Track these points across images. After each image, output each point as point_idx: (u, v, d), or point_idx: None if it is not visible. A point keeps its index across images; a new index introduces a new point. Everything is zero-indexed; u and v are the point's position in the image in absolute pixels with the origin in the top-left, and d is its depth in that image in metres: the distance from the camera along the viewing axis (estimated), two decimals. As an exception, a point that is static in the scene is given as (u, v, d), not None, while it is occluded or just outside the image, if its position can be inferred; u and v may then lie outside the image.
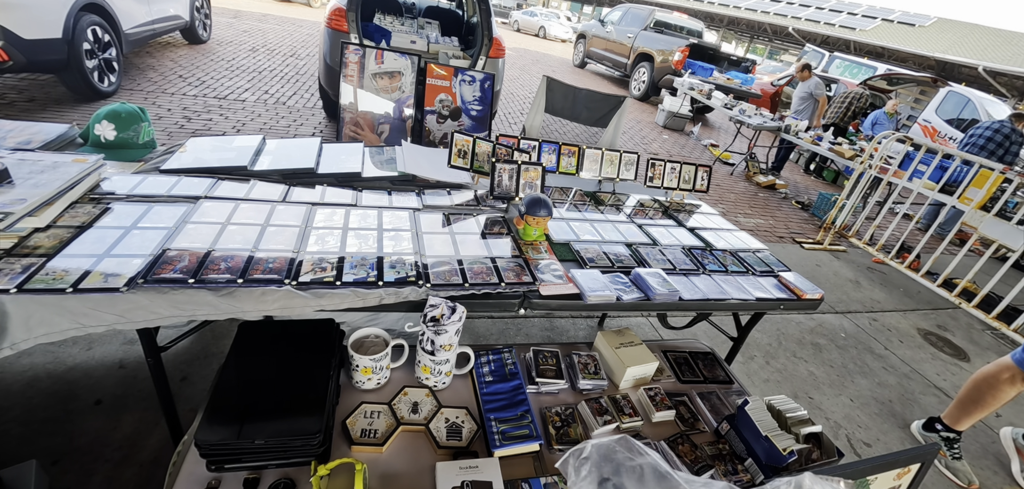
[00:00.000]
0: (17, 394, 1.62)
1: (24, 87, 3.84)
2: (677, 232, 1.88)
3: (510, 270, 1.29)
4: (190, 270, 1.05)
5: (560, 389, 1.27)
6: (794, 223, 5.46)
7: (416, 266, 1.22)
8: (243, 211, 1.32)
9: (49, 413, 1.59)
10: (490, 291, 1.20)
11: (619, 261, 1.52)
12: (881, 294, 4.14)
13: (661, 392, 1.30)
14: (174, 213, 1.24)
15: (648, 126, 8.36)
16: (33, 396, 1.63)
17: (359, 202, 1.50)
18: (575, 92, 3.46)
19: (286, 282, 1.07)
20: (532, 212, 1.45)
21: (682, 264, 1.60)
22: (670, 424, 1.26)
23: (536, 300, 1.23)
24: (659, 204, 2.16)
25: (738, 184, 6.45)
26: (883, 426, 2.58)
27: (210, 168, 1.49)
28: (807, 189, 6.97)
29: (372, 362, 1.10)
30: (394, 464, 1.00)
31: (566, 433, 1.13)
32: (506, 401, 1.14)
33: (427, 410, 1.11)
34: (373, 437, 1.02)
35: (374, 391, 1.14)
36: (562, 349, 1.42)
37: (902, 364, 3.19)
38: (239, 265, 1.09)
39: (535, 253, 1.43)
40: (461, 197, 1.71)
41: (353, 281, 1.11)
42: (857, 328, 3.49)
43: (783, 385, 2.71)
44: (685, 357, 1.56)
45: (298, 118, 4.73)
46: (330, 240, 1.26)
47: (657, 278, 1.40)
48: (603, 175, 2.13)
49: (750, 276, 1.67)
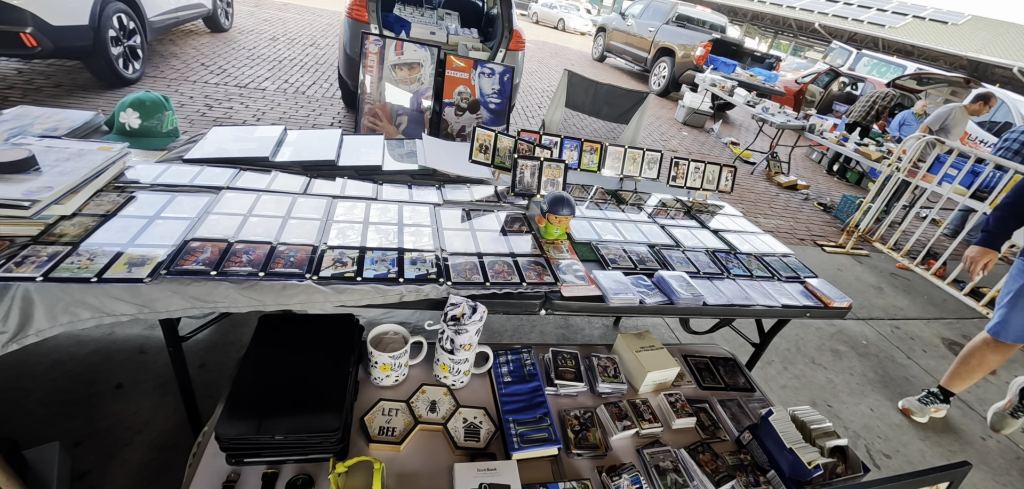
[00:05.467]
0: (41, 376, 1.66)
1: (51, 73, 3.91)
2: (700, 234, 1.83)
3: (531, 269, 1.26)
4: (212, 262, 1.05)
5: (579, 392, 1.25)
6: (815, 225, 5.32)
7: (437, 263, 1.20)
8: (265, 203, 1.31)
9: (72, 395, 1.62)
10: (511, 291, 1.17)
11: (641, 263, 1.48)
12: (904, 301, 4.01)
13: (682, 398, 1.26)
14: (197, 203, 1.24)
15: (667, 122, 8.21)
16: (57, 378, 1.66)
17: (380, 196, 1.48)
18: (596, 87, 3.39)
19: (307, 277, 1.06)
20: (554, 211, 1.41)
21: (706, 267, 1.55)
22: (690, 432, 1.23)
23: (557, 301, 1.21)
24: (681, 204, 2.11)
25: (758, 184, 6.30)
26: (903, 437, 2.50)
27: (232, 158, 1.49)
28: (829, 191, 6.79)
29: (391, 359, 1.08)
30: (412, 463, 0.99)
31: (585, 437, 1.11)
32: (525, 403, 1.12)
33: (445, 409, 1.09)
34: (391, 435, 1.01)
35: (392, 388, 1.13)
36: (581, 351, 1.39)
37: (925, 374, 3.09)
38: (260, 258, 1.09)
39: (556, 252, 1.40)
40: (481, 193, 1.68)
41: (374, 277, 1.10)
42: (879, 335, 3.39)
43: (801, 392, 2.65)
44: (706, 362, 1.52)
45: (317, 108, 4.74)
46: (350, 234, 1.25)
47: (680, 282, 1.36)
48: (625, 173, 2.09)
49: (775, 281, 1.61)
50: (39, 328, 0.90)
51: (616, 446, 1.13)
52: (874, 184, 4.78)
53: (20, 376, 1.65)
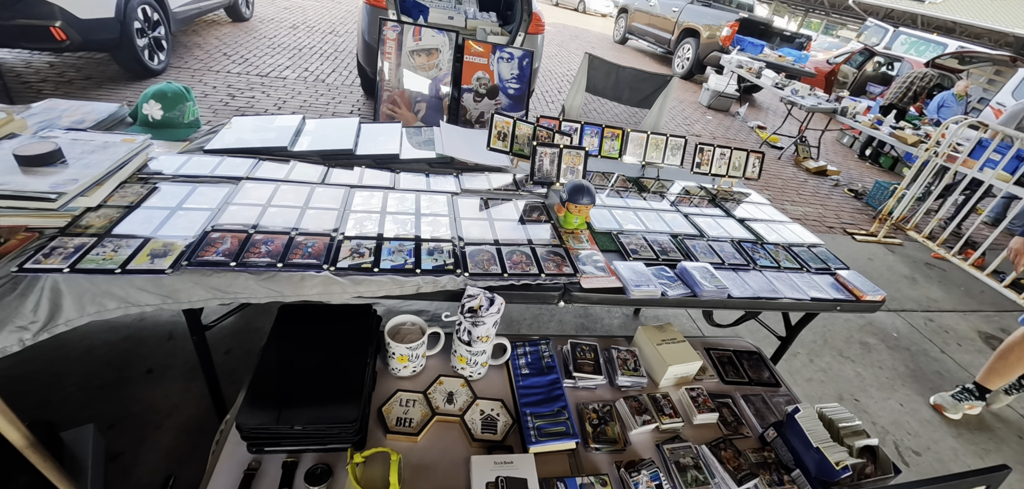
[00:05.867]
0: (76, 361, 1.73)
1: (82, 65, 4.03)
2: (726, 223, 1.76)
3: (550, 260, 1.23)
4: (232, 253, 1.05)
5: (597, 385, 1.22)
6: (846, 213, 5.11)
7: (454, 253, 1.18)
8: (283, 193, 1.31)
9: (105, 379, 1.69)
10: (529, 282, 1.15)
11: (664, 253, 1.43)
12: (939, 292, 3.83)
13: (704, 393, 1.23)
14: (217, 194, 1.25)
15: (691, 106, 7.97)
16: (91, 363, 1.73)
17: (397, 185, 1.47)
18: (618, 70, 3.29)
19: (325, 268, 1.06)
20: (574, 200, 1.38)
21: (731, 258, 1.50)
22: (712, 428, 1.19)
23: (576, 292, 1.18)
24: (706, 192, 2.03)
25: (785, 169, 6.08)
26: (934, 434, 2.40)
27: (252, 148, 1.50)
28: (861, 176, 6.50)
29: (408, 350, 1.08)
30: (428, 454, 0.98)
31: (603, 432, 1.09)
32: (543, 395, 1.11)
33: (462, 401, 1.09)
34: (408, 426, 1.01)
35: (410, 379, 1.13)
36: (600, 343, 1.36)
37: (959, 369, 2.95)
38: (279, 249, 1.09)
39: (576, 242, 1.37)
40: (500, 181, 1.65)
41: (391, 268, 1.09)
42: (911, 328, 3.25)
43: (827, 385, 2.56)
44: (729, 356, 1.47)
45: (337, 96, 4.77)
46: (368, 224, 1.24)
47: (705, 273, 1.31)
48: (647, 160, 2.02)
49: (804, 273, 1.54)
50: (68, 318, 0.92)
51: (635, 441, 1.11)
52: (909, 170, 4.55)
53: (57, 361, 1.73)
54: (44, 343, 0.92)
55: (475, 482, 0.91)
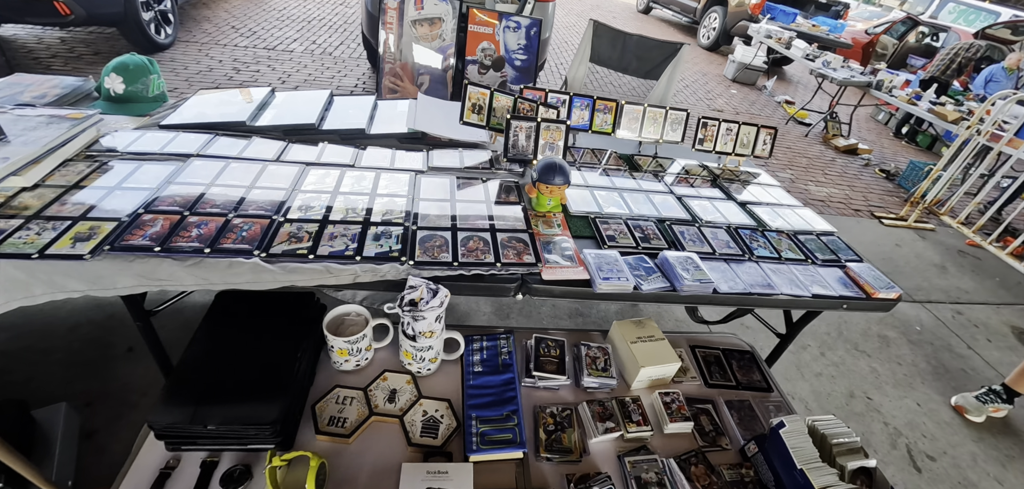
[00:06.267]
0: (61, 338, 1.72)
1: (91, 41, 4.03)
2: (725, 206, 1.58)
3: (511, 247, 1.11)
4: (160, 237, 0.97)
5: (560, 385, 1.10)
6: (875, 194, 4.73)
7: (404, 238, 1.07)
8: (232, 171, 1.22)
9: (88, 357, 1.68)
10: (482, 272, 1.03)
11: (646, 240, 1.28)
12: (971, 283, 3.50)
13: (679, 399, 1.09)
14: (161, 173, 1.17)
15: (715, 79, 7.51)
16: (74, 341, 1.72)
17: (358, 162, 1.36)
18: (624, 38, 3.03)
19: (255, 254, 0.96)
20: (545, 179, 1.24)
21: (724, 247, 1.33)
22: (686, 438, 1.06)
23: (536, 285, 1.05)
24: (708, 172, 1.84)
25: (813, 147, 5.67)
26: (953, 438, 2.19)
27: (210, 123, 1.41)
28: (895, 156, 6.01)
29: (348, 344, 0.98)
30: (361, 458, 0.90)
31: (558, 440, 0.98)
32: (493, 397, 1.00)
33: (405, 400, 0.99)
34: (341, 426, 0.92)
35: (353, 374, 1.04)
36: (571, 337, 1.24)
37: (987, 367, 2.69)
38: (211, 233, 1.00)
39: (546, 227, 1.23)
40: (475, 159, 1.52)
41: (329, 254, 0.99)
42: (936, 321, 2.98)
43: (838, 381, 2.37)
44: (717, 355, 1.32)
45: (343, 69, 4.66)
46: (316, 206, 1.14)
47: (687, 265, 1.16)
48: (644, 136, 1.83)
49: (809, 265, 1.37)
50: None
51: (595, 450, 0.99)
52: (948, 149, 4.14)
53: (43, 338, 1.72)
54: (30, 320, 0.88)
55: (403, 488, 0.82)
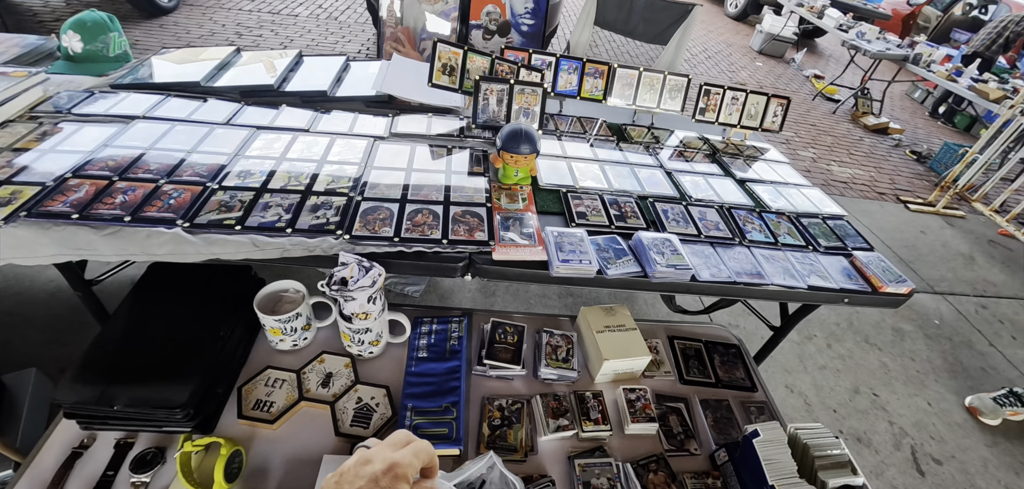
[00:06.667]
0: (42, 304, 1.71)
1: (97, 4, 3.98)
2: (721, 183, 1.42)
3: (463, 223, 0.99)
4: (81, 203, 0.89)
5: (515, 376, 1.00)
6: (903, 177, 4.39)
7: (345, 211, 0.96)
8: (175, 135, 1.12)
9: (66, 324, 1.66)
10: (424, 249, 0.92)
11: (622, 219, 1.15)
12: (1000, 276, 3.22)
13: (645, 396, 0.98)
14: (99, 136, 1.08)
15: (741, 51, 7.06)
16: (55, 307, 1.70)
17: (314, 127, 1.25)
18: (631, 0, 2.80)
19: (178, 223, 0.88)
20: (510, 148, 1.10)
21: (713, 229, 1.18)
22: (649, 440, 0.95)
23: (486, 266, 0.94)
24: (707, 145, 1.66)
25: (840, 125, 5.29)
26: (964, 441, 2.02)
27: (163, 84, 1.32)
28: (928, 136, 5.56)
29: (280, 324, 0.90)
30: (285, 445, 0.82)
31: (503, 436, 0.88)
32: (434, 386, 0.90)
33: (341, 385, 0.90)
34: (266, 411, 0.84)
35: (289, 354, 0.96)
36: (534, 323, 1.13)
37: (1009, 366, 2.47)
38: (136, 200, 0.91)
39: (510, 202, 1.11)
40: (445, 126, 1.39)
41: (257, 226, 0.89)
42: (958, 315, 2.75)
43: (843, 375, 2.21)
44: (697, 348, 1.19)
45: (347, 34, 4.51)
46: (256, 173, 1.04)
47: (663, 247, 1.02)
48: (640, 104, 1.66)
49: (808, 252, 1.21)
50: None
51: (544, 450, 0.89)
52: (987, 131, 3.76)
53: (24, 304, 1.71)
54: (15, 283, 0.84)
55: (320, 485, 0.74)
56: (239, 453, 0.77)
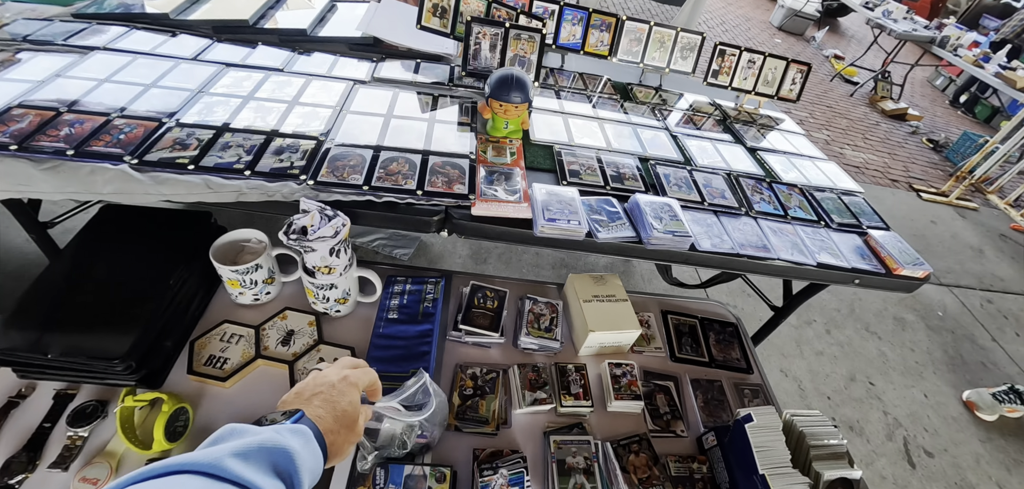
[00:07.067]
0: (16, 250, 1.64)
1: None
2: (730, 151, 1.30)
3: (441, 174, 0.89)
4: (22, 135, 0.80)
5: (493, 343, 0.92)
6: (918, 165, 4.21)
7: (312, 155, 0.87)
8: (136, 68, 1.02)
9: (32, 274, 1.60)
10: (396, 200, 0.82)
11: (619, 181, 1.04)
12: (1009, 271, 3.09)
13: (632, 373, 0.90)
14: (52, 65, 0.98)
15: (759, 25, 6.73)
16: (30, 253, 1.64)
17: (289, 67, 1.13)
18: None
19: (125, 160, 0.78)
20: (499, 95, 0.99)
21: (718, 198, 1.08)
22: (633, 419, 0.88)
23: (463, 221, 0.84)
24: (720, 112, 1.54)
25: (856, 108, 5.06)
26: (958, 435, 1.95)
27: (129, 14, 1.20)
28: (947, 125, 5.32)
29: (237, 275, 0.81)
30: (237, 405, 0.75)
31: (474, 407, 0.80)
32: (402, 351, 0.82)
33: (302, 344, 0.83)
34: (219, 367, 0.77)
35: (251, 309, 0.88)
36: (517, 289, 1.04)
37: (1010, 362, 2.38)
38: (83, 133, 0.82)
39: (496, 155, 1.01)
40: (433, 74, 1.27)
41: (213, 166, 0.80)
42: (962, 308, 2.64)
43: (840, 362, 2.13)
44: (692, 325, 1.11)
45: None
46: (219, 111, 0.93)
47: (660, 212, 0.92)
48: (648, 62, 1.52)
49: (820, 227, 1.10)
50: None
51: (518, 423, 0.82)
52: (1009, 122, 3.56)
53: None
54: None
55: (268, 454, 0.67)
56: (185, 410, 0.71)
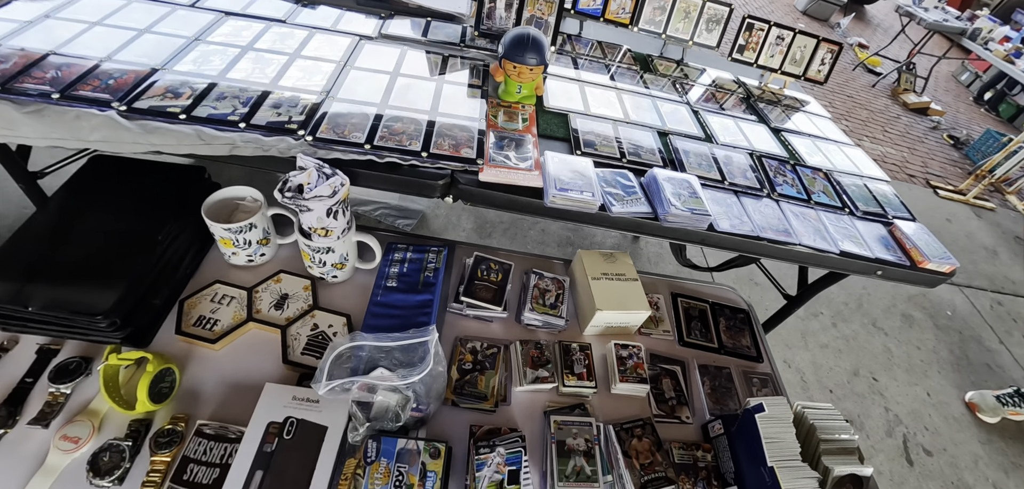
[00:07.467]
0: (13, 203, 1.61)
1: None
2: (752, 130, 1.22)
3: (448, 136, 0.83)
4: (6, 75, 0.74)
5: (495, 318, 0.87)
6: (936, 161, 4.06)
7: (312, 110, 0.81)
8: (130, 11, 0.95)
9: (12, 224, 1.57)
10: (399, 161, 0.76)
11: (636, 154, 0.97)
12: (1022, 274, 3.00)
13: (638, 355, 0.85)
14: (40, 7, 0.91)
15: (784, 8, 6.46)
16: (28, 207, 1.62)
17: (292, 19, 1.06)
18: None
19: (114, 106, 0.73)
20: (514, 56, 0.92)
21: (740, 177, 1.01)
22: (637, 403, 0.83)
23: (469, 187, 0.79)
24: (743, 89, 1.45)
25: (878, 100, 4.87)
26: (958, 435, 1.91)
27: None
28: (969, 122, 5.11)
29: (230, 233, 0.76)
30: (225, 368, 0.71)
31: (473, 382, 0.76)
32: (400, 320, 0.78)
33: (296, 308, 0.79)
34: (209, 329, 0.73)
35: (244, 270, 0.83)
36: (523, 263, 0.99)
37: (1016, 366, 2.32)
38: (70, 76, 0.76)
39: (508, 120, 0.94)
40: (444, 33, 1.19)
41: (206, 117, 0.74)
42: (971, 309, 2.57)
43: (844, 357, 2.08)
44: (703, 309, 1.05)
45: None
46: (215, 60, 0.87)
47: (679, 188, 0.86)
48: (671, 33, 1.42)
49: (844, 215, 1.04)
50: None
51: (517, 401, 0.78)
52: (1040, 117, 3.40)
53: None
54: None
55: (257, 415, 0.64)
56: (171, 372, 0.67)
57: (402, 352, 0.63)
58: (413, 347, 0.63)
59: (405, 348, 0.62)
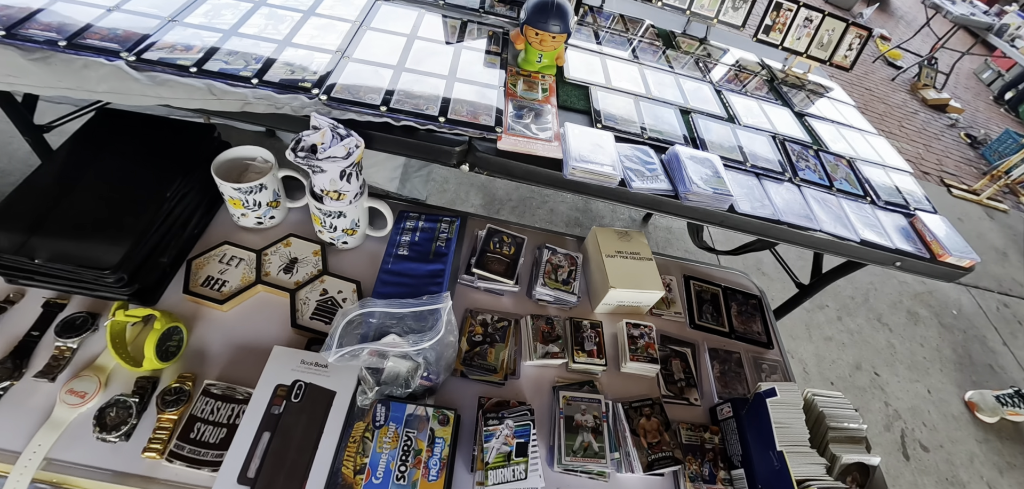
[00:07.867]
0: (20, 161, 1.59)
1: None
2: (775, 112, 1.17)
3: (465, 104, 0.79)
4: (11, 20, 0.70)
5: (506, 291, 0.85)
6: (952, 160, 3.95)
7: (327, 70, 0.77)
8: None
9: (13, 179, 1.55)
10: (416, 125, 0.73)
11: (657, 132, 0.94)
12: (1033, 277, 2.95)
13: (650, 335, 0.83)
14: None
15: (804, -3, 6.20)
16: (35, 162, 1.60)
17: (305, -28, 1.01)
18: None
19: (122, 56, 0.69)
20: (536, 23, 0.87)
21: (762, 160, 0.97)
22: (646, 382, 0.82)
23: (487, 155, 0.75)
24: (767, 71, 1.39)
25: (896, 94, 4.71)
26: (956, 433, 1.90)
27: None
28: (988, 122, 4.96)
29: (240, 194, 0.74)
30: (233, 330, 0.70)
31: (483, 354, 0.75)
32: (410, 289, 0.76)
33: (305, 273, 0.77)
34: (217, 290, 0.72)
35: (253, 232, 0.81)
36: (536, 238, 0.96)
37: (1018, 368, 2.29)
38: (75, 25, 0.73)
39: (527, 89, 0.90)
40: (463, -2, 1.13)
41: (217, 71, 0.71)
42: (977, 309, 2.53)
43: (847, 350, 2.06)
44: (715, 293, 1.03)
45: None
46: (227, 14, 0.83)
47: (701, 168, 0.83)
48: (696, 9, 1.35)
49: (865, 203, 1.00)
50: None
51: (526, 375, 0.76)
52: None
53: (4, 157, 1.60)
54: None
55: (265, 377, 0.63)
56: (179, 330, 0.66)
57: (414, 319, 0.61)
58: (425, 314, 0.61)
59: (417, 315, 0.61)
